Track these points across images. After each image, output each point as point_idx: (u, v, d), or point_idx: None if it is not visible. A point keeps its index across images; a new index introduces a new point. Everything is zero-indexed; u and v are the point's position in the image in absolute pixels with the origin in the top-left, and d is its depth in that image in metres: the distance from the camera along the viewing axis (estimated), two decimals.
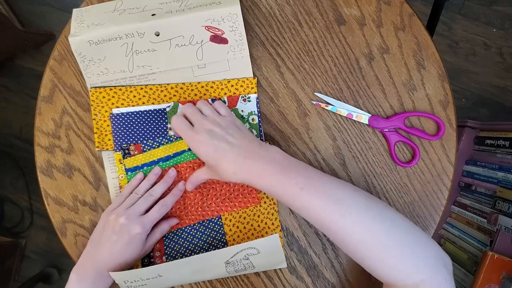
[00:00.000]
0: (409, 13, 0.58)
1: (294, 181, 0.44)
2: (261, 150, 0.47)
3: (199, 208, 0.56)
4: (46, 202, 0.58)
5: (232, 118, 0.52)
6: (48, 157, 0.58)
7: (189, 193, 0.56)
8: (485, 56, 1.30)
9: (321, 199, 0.43)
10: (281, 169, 0.45)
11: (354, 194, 0.44)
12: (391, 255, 0.41)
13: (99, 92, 0.57)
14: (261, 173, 0.45)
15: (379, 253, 0.42)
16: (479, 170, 0.91)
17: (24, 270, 1.37)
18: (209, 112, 0.51)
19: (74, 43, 0.54)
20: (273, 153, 0.47)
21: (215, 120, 0.50)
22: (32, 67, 1.40)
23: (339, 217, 0.42)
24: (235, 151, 0.47)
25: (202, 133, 0.48)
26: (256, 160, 0.46)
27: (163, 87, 0.57)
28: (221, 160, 0.47)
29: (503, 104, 1.30)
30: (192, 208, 0.56)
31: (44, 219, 1.39)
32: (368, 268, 0.44)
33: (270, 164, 0.45)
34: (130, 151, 0.56)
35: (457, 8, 1.31)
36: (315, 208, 0.43)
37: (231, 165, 0.46)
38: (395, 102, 0.57)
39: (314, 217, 0.44)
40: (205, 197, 0.56)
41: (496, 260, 0.70)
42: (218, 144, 0.47)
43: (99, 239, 0.51)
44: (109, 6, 0.57)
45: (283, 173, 0.44)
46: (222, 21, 0.55)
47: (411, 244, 0.42)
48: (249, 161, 0.46)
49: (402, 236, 0.42)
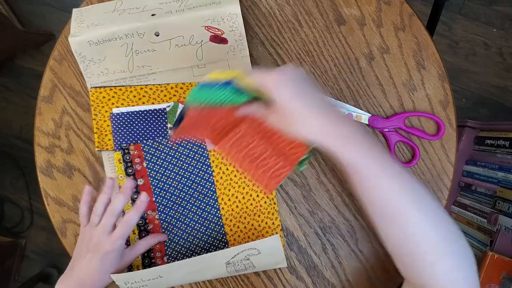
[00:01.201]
0: (409, 13, 0.58)
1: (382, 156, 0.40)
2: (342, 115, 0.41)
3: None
4: (46, 202, 0.58)
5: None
6: (48, 157, 0.58)
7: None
8: (485, 56, 1.30)
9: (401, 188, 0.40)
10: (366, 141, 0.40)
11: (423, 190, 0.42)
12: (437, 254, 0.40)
13: (99, 92, 0.57)
14: (349, 140, 0.39)
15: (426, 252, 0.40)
16: (479, 170, 0.90)
17: (24, 270, 1.37)
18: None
19: (74, 43, 0.54)
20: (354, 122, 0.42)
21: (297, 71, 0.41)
22: (32, 67, 1.40)
23: (414, 211, 0.40)
24: (323, 104, 0.40)
25: (289, 72, 0.40)
26: (343, 123, 0.40)
27: (163, 87, 0.57)
28: (307, 106, 0.39)
29: (503, 104, 1.29)
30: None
31: (44, 219, 1.39)
32: (402, 261, 0.43)
33: (359, 133, 0.40)
34: (130, 151, 0.56)
35: (457, 8, 1.31)
36: (390, 192, 0.40)
37: (319, 116, 0.39)
38: (395, 102, 0.57)
39: (382, 197, 0.41)
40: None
41: (496, 260, 0.70)
42: (307, 89, 0.40)
43: (79, 255, 0.50)
44: (109, 6, 0.57)
45: (369, 146, 0.40)
46: (222, 21, 0.55)
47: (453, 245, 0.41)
48: (336, 120, 0.40)
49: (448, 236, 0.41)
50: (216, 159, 0.57)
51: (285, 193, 0.58)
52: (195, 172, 0.57)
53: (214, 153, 0.57)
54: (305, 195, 0.58)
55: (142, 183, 0.56)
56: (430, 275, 0.41)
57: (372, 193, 0.42)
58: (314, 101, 0.40)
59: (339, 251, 0.57)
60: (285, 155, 0.48)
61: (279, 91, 0.39)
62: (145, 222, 0.56)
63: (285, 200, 0.58)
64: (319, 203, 0.58)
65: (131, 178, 0.56)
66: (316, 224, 0.58)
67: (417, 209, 0.40)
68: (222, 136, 0.49)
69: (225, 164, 0.57)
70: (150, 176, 0.56)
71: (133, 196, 0.56)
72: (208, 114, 0.47)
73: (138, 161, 0.56)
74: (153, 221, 0.56)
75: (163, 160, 0.56)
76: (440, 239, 0.40)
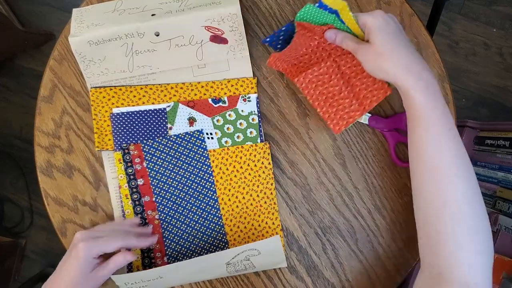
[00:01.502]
0: (409, 13, 0.58)
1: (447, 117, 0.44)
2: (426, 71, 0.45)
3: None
4: (46, 202, 0.58)
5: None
6: (48, 157, 0.58)
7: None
8: (485, 56, 1.30)
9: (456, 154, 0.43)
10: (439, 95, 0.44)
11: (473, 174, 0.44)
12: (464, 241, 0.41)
13: (99, 92, 0.57)
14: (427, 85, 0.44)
15: (454, 229, 0.41)
16: (479, 170, 0.90)
17: (24, 270, 1.37)
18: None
19: (74, 43, 0.54)
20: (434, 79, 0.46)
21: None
22: (32, 67, 1.40)
23: (457, 179, 0.42)
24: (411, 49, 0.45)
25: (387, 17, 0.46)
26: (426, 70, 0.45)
27: (163, 87, 0.57)
28: (396, 47, 0.45)
29: (503, 104, 1.29)
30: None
31: (44, 219, 1.39)
32: (428, 234, 0.44)
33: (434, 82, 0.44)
34: (130, 151, 0.56)
35: (457, 8, 1.31)
36: (445, 150, 0.43)
37: (406, 58, 0.44)
38: (395, 102, 0.57)
39: (435, 152, 0.44)
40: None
41: (496, 260, 0.70)
42: (397, 33, 0.46)
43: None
44: (109, 6, 0.57)
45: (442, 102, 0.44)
46: (222, 21, 0.55)
47: (483, 244, 0.42)
48: (422, 68, 0.44)
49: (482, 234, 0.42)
50: (216, 159, 0.57)
51: (285, 193, 0.58)
52: (195, 172, 0.57)
53: (214, 153, 0.57)
54: (305, 195, 0.58)
55: (142, 183, 0.56)
56: (452, 253, 0.41)
57: (429, 143, 0.44)
58: (402, 44, 0.45)
59: (339, 251, 0.57)
60: (359, 99, 0.53)
61: (376, 31, 0.45)
62: (145, 222, 0.56)
63: (285, 200, 0.58)
64: (319, 203, 0.58)
65: (131, 178, 0.56)
66: (316, 224, 0.58)
67: (461, 177, 0.42)
68: (302, 71, 0.53)
69: (225, 164, 0.57)
70: (150, 176, 0.56)
71: (134, 196, 0.56)
72: (298, 44, 0.52)
73: (138, 161, 0.56)
74: (153, 221, 0.56)
75: (163, 160, 0.56)
76: (470, 216, 0.41)
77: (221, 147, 0.57)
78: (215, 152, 0.57)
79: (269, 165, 0.57)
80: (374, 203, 0.57)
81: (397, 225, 0.57)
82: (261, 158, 0.57)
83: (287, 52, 0.52)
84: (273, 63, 0.53)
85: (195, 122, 0.57)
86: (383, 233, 0.57)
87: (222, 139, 0.57)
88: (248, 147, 0.57)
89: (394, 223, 0.57)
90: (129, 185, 0.56)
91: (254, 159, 0.57)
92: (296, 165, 0.58)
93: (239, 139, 0.58)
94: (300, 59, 0.54)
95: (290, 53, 0.52)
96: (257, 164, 0.57)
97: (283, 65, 0.54)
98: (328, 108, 0.53)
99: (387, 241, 0.57)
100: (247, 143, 0.57)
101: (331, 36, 0.50)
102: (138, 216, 0.56)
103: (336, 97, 0.53)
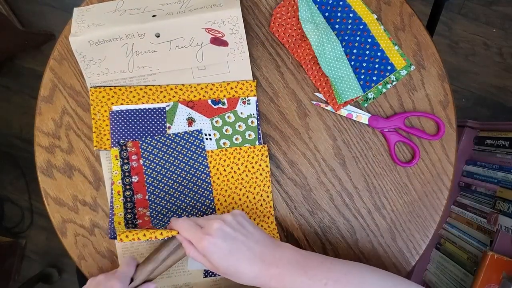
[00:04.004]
0: (409, 13, 0.58)
1: (317, 278, 0.43)
2: (276, 251, 0.45)
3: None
4: (46, 202, 0.58)
5: (239, 212, 0.48)
6: (48, 157, 0.58)
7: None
8: (485, 56, 1.30)
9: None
10: (300, 269, 0.43)
11: (378, 279, 0.44)
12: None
13: (99, 91, 0.57)
14: (283, 277, 0.43)
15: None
16: (479, 170, 0.90)
17: (24, 270, 1.37)
18: (212, 217, 0.48)
19: (74, 43, 0.55)
20: (287, 251, 0.45)
21: (225, 219, 0.46)
22: (32, 67, 1.40)
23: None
24: (251, 254, 0.44)
25: (215, 233, 0.44)
26: (275, 263, 0.44)
27: (162, 88, 0.57)
28: (238, 264, 0.44)
29: (503, 104, 1.29)
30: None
31: (44, 219, 1.39)
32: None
33: (289, 265, 0.44)
34: (128, 148, 0.56)
35: (457, 8, 1.31)
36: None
37: (252, 268, 0.43)
38: (395, 102, 0.57)
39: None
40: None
41: (496, 260, 0.70)
42: (233, 245, 0.44)
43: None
44: (110, 6, 0.57)
45: (305, 272, 0.43)
46: (222, 24, 0.55)
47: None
48: (268, 265, 0.44)
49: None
50: (213, 159, 0.57)
51: (285, 193, 0.58)
52: (192, 171, 0.57)
53: (212, 154, 0.57)
54: (305, 195, 0.58)
55: (136, 180, 0.56)
56: None
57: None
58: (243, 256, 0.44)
59: (339, 251, 0.57)
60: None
61: (210, 259, 0.44)
62: (134, 217, 0.56)
63: (285, 200, 0.58)
64: (319, 203, 0.58)
65: (126, 175, 0.56)
66: (316, 224, 0.58)
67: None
68: (300, 44, 0.57)
69: (223, 165, 0.57)
70: (145, 173, 0.56)
71: (126, 193, 0.56)
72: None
73: (135, 158, 0.56)
74: (143, 217, 0.56)
75: (160, 158, 0.56)
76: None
77: (219, 148, 0.57)
78: (213, 153, 0.57)
79: (266, 167, 0.57)
80: (374, 203, 0.57)
81: (397, 225, 0.57)
82: (259, 160, 0.57)
83: (288, 21, 0.57)
84: (275, 30, 0.58)
85: (194, 122, 0.57)
86: (383, 233, 0.57)
87: (221, 140, 0.57)
88: (246, 149, 0.57)
89: (394, 223, 0.57)
90: (123, 181, 0.56)
91: (252, 161, 0.57)
92: (296, 165, 0.58)
93: (238, 141, 0.58)
94: (298, 31, 0.57)
95: (291, 22, 0.57)
96: (255, 166, 0.57)
97: (285, 36, 0.58)
98: (330, 88, 0.56)
99: (387, 241, 0.57)
100: (245, 145, 0.57)
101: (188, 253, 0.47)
102: (128, 211, 0.56)
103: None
